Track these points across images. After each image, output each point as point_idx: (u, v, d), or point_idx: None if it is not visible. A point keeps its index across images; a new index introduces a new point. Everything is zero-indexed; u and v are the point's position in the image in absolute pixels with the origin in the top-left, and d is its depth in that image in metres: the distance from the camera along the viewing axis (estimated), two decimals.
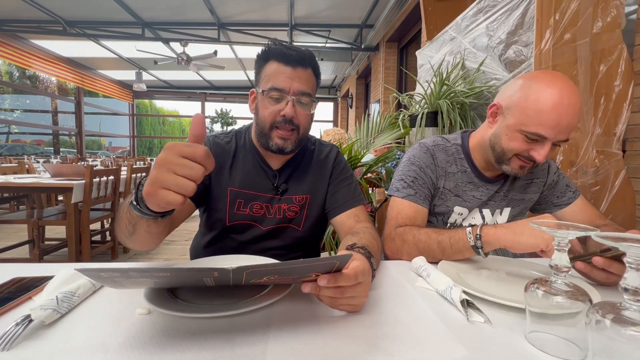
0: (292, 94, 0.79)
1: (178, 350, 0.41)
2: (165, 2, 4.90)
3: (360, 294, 0.50)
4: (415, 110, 2.17)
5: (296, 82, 0.79)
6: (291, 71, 0.79)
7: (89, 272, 0.41)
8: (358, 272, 0.48)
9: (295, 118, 0.80)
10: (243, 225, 0.88)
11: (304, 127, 0.84)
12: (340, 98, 10.33)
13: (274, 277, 0.47)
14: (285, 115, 0.79)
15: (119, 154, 12.97)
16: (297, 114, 0.80)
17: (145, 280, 0.46)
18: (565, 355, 0.41)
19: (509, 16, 1.58)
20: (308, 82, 0.81)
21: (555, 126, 0.74)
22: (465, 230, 0.72)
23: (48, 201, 3.59)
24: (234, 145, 0.91)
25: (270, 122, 0.81)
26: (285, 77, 0.78)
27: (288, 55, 0.79)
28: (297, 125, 0.82)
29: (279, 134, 0.81)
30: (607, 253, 0.60)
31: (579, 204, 0.98)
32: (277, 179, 0.89)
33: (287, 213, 0.90)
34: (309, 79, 0.82)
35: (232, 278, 0.45)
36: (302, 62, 0.80)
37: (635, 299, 0.34)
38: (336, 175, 0.94)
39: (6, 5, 5.00)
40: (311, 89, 0.82)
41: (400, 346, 0.43)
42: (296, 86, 0.79)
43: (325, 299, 0.49)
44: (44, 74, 8.34)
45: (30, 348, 0.41)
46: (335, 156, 0.97)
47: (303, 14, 5.30)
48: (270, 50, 0.80)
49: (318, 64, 0.86)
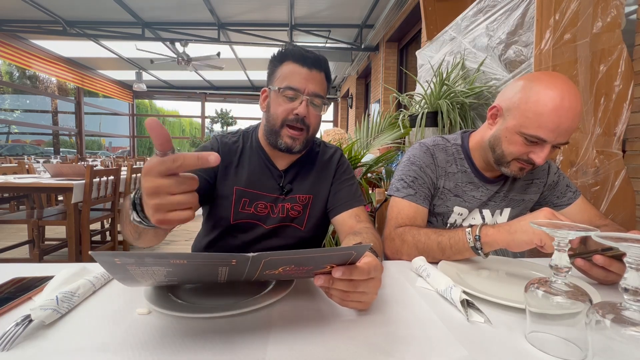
0: (306, 94, 0.82)
1: (178, 350, 0.41)
2: (165, 2, 4.90)
3: (372, 290, 0.50)
4: (415, 110, 2.17)
5: (311, 83, 0.82)
6: (307, 72, 0.82)
7: (103, 256, 0.38)
8: (371, 267, 0.48)
9: (307, 118, 0.83)
10: (247, 224, 0.90)
11: (313, 127, 0.86)
12: (340, 98, 10.33)
13: (289, 267, 0.46)
14: (299, 114, 0.81)
15: (119, 154, 12.97)
16: (309, 114, 0.83)
17: (159, 270, 0.43)
18: (565, 355, 0.41)
19: (509, 16, 1.58)
20: (321, 85, 0.84)
21: (555, 129, 0.73)
22: (465, 231, 0.72)
23: (48, 201, 3.58)
24: (241, 144, 0.93)
25: (282, 119, 0.83)
26: (301, 77, 0.81)
27: (305, 57, 0.82)
28: (308, 125, 0.84)
29: (289, 133, 0.83)
30: (607, 252, 0.60)
31: (579, 204, 0.97)
32: (282, 179, 0.91)
33: (290, 212, 0.91)
34: (322, 82, 0.85)
35: (249, 267, 0.44)
36: (318, 65, 0.83)
37: (635, 299, 0.34)
38: (339, 176, 0.96)
39: (6, 5, 5.00)
40: (323, 91, 0.85)
41: (400, 346, 0.43)
42: (311, 87, 0.82)
43: (336, 293, 0.49)
44: (44, 74, 8.34)
45: (30, 348, 0.41)
46: (339, 158, 1.00)
47: (303, 14, 5.30)
48: (287, 52, 0.84)
49: (329, 68, 0.88)
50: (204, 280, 0.55)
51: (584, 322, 0.37)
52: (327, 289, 0.49)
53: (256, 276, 0.49)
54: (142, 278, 0.46)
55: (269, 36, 5.88)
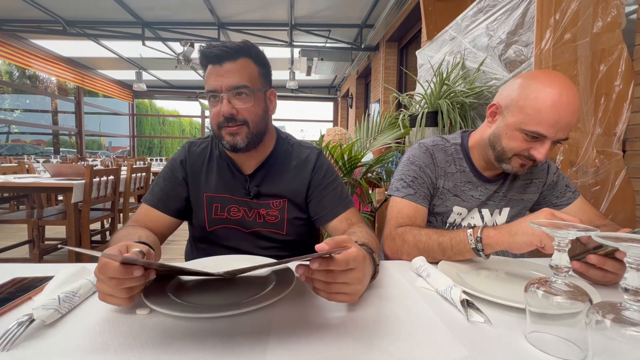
0: (224, 90, 0.76)
1: (178, 350, 0.41)
2: (165, 2, 4.89)
3: (354, 281, 0.49)
4: (415, 110, 2.17)
5: (226, 77, 0.76)
6: (219, 69, 0.76)
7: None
8: (349, 258, 0.48)
9: (237, 114, 0.77)
10: (224, 229, 0.89)
11: (252, 120, 0.79)
12: (340, 98, 10.32)
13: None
14: (223, 113, 0.76)
15: (119, 153, 12.96)
16: (237, 109, 0.77)
17: None
18: (565, 355, 0.41)
19: (509, 16, 1.58)
20: (240, 74, 0.77)
21: (554, 124, 0.74)
22: (466, 232, 0.72)
23: (48, 201, 3.59)
24: (209, 150, 0.92)
25: (216, 124, 0.80)
26: (216, 76, 0.76)
27: (212, 55, 0.76)
28: (244, 120, 0.78)
29: (227, 131, 0.79)
30: (599, 250, 0.60)
31: (578, 204, 0.98)
32: (248, 183, 0.88)
33: (267, 218, 0.89)
34: (242, 69, 0.77)
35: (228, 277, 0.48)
36: (230, 56, 0.76)
37: (635, 299, 0.34)
38: (319, 181, 0.91)
39: (6, 5, 4.99)
40: (247, 79, 0.77)
41: (400, 346, 0.43)
42: (227, 82, 0.76)
43: (319, 286, 0.49)
44: (44, 74, 8.34)
45: (30, 348, 0.41)
46: (316, 159, 0.92)
47: (303, 13, 5.30)
48: (202, 55, 0.78)
49: (257, 51, 0.81)
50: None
51: (584, 322, 0.37)
52: (312, 285, 0.50)
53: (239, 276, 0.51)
54: None
55: (269, 36, 5.88)
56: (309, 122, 11.79)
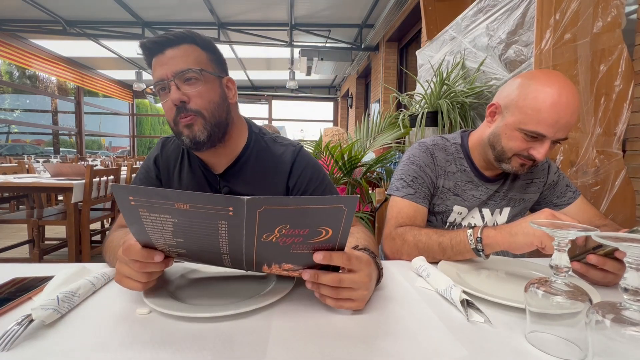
0: (169, 77, 0.70)
1: (178, 350, 0.41)
2: (165, 2, 4.89)
3: (360, 286, 0.49)
4: (415, 110, 2.17)
5: (170, 64, 0.70)
6: (162, 57, 0.71)
7: (120, 190, 0.44)
8: (352, 255, 0.48)
9: (188, 101, 0.71)
10: None
11: (206, 108, 0.73)
12: (340, 98, 10.32)
13: (286, 230, 0.45)
14: (173, 101, 0.70)
15: (119, 153, 12.96)
16: (188, 95, 0.71)
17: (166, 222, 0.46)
18: (565, 355, 0.41)
19: (509, 16, 1.58)
20: (185, 58, 0.71)
21: (553, 124, 0.74)
22: (466, 232, 0.72)
23: (48, 201, 3.58)
24: (182, 147, 0.86)
25: (171, 119, 0.73)
26: (161, 65, 0.71)
27: (153, 45, 0.72)
28: (197, 110, 0.72)
29: (182, 123, 0.72)
30: (599, 250, 0.60)
31: (579, 204, 0.97)
32: (218, 183, 0.84)
33: None
34: (186, 54, 0.72)
35: (246, 225, 0.44)
36: (170, 43, 0.71)
37: (635, 299, 0.34)
38: (300, 183, 0.83)
39: (6, 5, 4.99)
40: (194, 63, 0.72)
41: (401, 346, 0.43)
42: (171, 68, 0.70)
43: (325, 292, 0.50)
44: (44, 74, 8.33)
45: (30, 348, 0.41)
46: (293, 160, 0.83)
47: (303, 13, 5.30)
48: (142, 49, 0.73)
49: (203, 38, 0.75)
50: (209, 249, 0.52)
51: (584, 322, 0.37)
52: (318, 291, 0.51)
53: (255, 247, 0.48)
54: (152, 233, 0.47)
55: (269, 36, 5.88)
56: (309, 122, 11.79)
